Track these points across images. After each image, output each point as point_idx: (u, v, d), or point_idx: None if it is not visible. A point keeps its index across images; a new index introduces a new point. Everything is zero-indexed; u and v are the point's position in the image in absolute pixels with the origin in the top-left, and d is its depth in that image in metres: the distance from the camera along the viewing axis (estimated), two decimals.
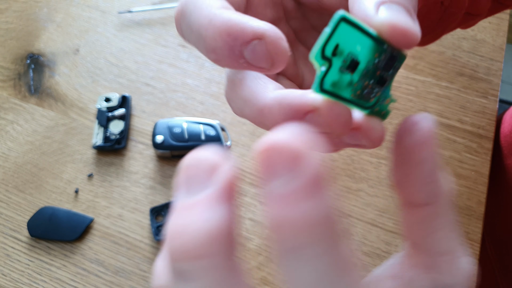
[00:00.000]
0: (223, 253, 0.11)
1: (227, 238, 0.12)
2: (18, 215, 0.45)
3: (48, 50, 0.56)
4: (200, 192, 0.12)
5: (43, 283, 0.42)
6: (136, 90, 0.53)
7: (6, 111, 0.51)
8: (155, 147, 0.47)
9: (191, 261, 0.11)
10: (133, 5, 0.60)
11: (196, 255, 0.11)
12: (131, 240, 0.44)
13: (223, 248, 0.11)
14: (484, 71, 0.54)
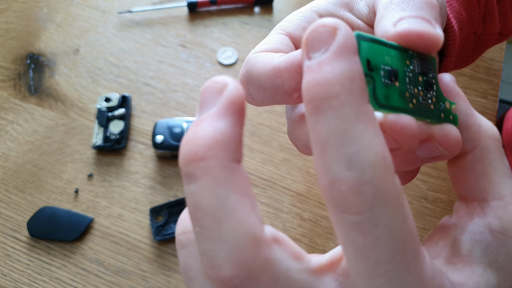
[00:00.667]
0: (222, 156, 0.13)
1: (227, 144, 0.13)
2: (18, 215, 0.45)
3: (48, 50, 0.56)
4: (209, 110, 0.14)
5: (43, 283, 0.42)
6: (136, 90, 0.53)
7: (6, 111, 0.51)
8: (155, 147, 0.47)
9: (196, 162, 0.13)
10: (133, 5, 0.60)
11: (200, 157, 0.13)
12: (131, 240, 0.44)
13: (223, 152, 0.13)
14: (484, 71, 0.54)
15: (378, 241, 0.13)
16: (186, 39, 0.57)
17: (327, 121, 0.13)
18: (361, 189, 0.12)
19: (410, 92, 0.17)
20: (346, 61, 0.13)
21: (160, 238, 0.43)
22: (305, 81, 0.13)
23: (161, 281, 0.42)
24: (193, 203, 0.13)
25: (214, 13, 0.60)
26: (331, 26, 0.13)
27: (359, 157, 0.12)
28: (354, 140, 0.13)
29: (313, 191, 0.47)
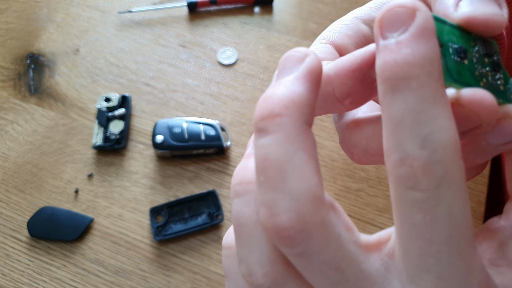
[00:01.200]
0: (297, 116, 0.14)
1: (303, 107, 0.14)
2: (18, 215, 0.45)
3: (48, 50, 0.56)
4: (288, 75, 0.15)
5: (43, 283, 0.42)
6: (136, 90, 0.53)
7: (6, 111, 0.51)
8: (155, 147, 0.47)
9: (271, 118, 0.14)
10: (133, 5, 0.60)
11: (276, 113, 0.14)
12: (131, 240, 0.44)
13: (298, 113, 0.14)
14: None
15: (437, 220, 0.13)
16: (186, 39, 0.57)
17: (405, 100, 0.13)
18: (431, 167, 0.13)
19: (479, 71, 0.16)
20: (427, 43, 0.13)
21: (160, 238, 0.43)
22: (381, 59, 0.14)
23: (161, 281, 0.42)
24: (262, 155, 0.14)
25: (214, 13, 0.60)
26: (410, 7, 0.14)
27: (433, 137, 0.13)
28: (430, 120, 0.13)
29: None
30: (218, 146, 0.47)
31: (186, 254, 0.43)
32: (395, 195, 0.14)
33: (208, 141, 0.47)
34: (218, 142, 0.47)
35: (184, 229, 0.44)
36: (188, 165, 0.48)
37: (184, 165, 0.48)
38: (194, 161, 0.48)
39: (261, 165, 0.14)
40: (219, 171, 0.48)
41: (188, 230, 0.44)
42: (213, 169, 0.48)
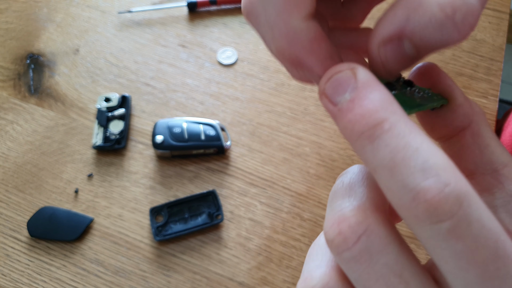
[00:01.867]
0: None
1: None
2: (18, 215, 0.45)
3: (48, 50, 0.56)
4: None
5: (43, 283, 0.42)
6: (136, 90, 0.53)
7: (6, 111, 0.51)
8: (155, 147, 0.47)
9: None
10: (133, 5, 0.60)
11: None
12: (131, 240, 0.44)
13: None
14: (484, 71, 0.54)
15: (478, 240, 0.13)
16: (186, 39, 0.57)
17: (386, 144, 0.14)
18: (445, 192, 0.13)
19: (407, 93, 0.18)
20: (378, 89, 0.14)
21: (160, 238, 0.43)
22: (345, 120, 0.14)
23: (161, 281, 0.42)
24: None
25: (214, 13, 0.60)
26: (347, 68, 0.15)
27: (430, 164, 0.13)
28: (417, 150, 0.13)
29: (313, 191, 0.47)
30: (218, 146, 0.47)
31: (186, 254, 0.43)
32: (425, 236, 0.13)
33: (208, 141, 0.47)
34: (218, 142, 0.47)
35: (184, 229, 0.44)
36: (188, 165, 0.48)
37: (184, 165, 0.48)
38: (194, 161, 0.48)
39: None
40: (219, 171, 0.48)
41: (188, 230, 0.44)
42: (213, 169, 0.48)
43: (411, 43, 0.16)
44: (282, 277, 0.43)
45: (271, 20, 0.17)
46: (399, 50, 0.16)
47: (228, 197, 0.46)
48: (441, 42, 0.15)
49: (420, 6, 0.15)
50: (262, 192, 0.47)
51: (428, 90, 0.19)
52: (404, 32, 0.16)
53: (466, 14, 0.14)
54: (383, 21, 0.16)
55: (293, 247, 0.44)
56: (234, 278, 0.42)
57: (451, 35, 0.15)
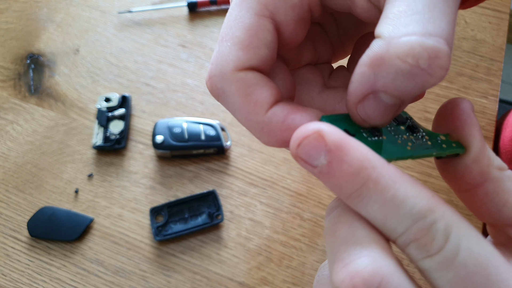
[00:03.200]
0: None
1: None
2: (18, 215, 0.45)
3: (48, 50, 0.56)
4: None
5: (43, 283, 0.42)
6: (136, 90, 0.53)
7: (6, 111, 0.51)
8: (155, 147, 0.47)
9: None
10: (133, 5, 0.60)
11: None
12: (131, 240, 0.44)
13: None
14: (484, 71, 0.54)
15: (466, 267, 0.14)
16: (186, 39, 0.57)
17: (374, 200, 0.14)
18: (431, 230, 0.14)
19: (401, 139, 0.17)
20: (352, 148, 0.14)
21: (160, 238, 0.43)
22: (330, 184, 0.15)
23: (161, 281, 0.42)
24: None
25: (214, 13, 0.60)
26: (312, 132, 0.15)
27: (417, 209, 0.14)
28: (404, 200, 0.14)
29: (313, 191, 0.47)
30: (218, 146, 0.47)
31: (186, 254, 0.43)
32: (421, 269, 0.15)
33: (208, 141, 0.47)
34: (218, 142, 0.47)
35: (184, 229, 0.44)
36: (188, 165, 0.48)
37: (184, 165, 0.48)
38: (194, 161, 0.48)
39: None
40: (219, 171, 0.48)
41: (188, 230, 0.44)
42: (213, 169, 0.48)
43: (386, 94, 0.16)
44: (282, 277, 0.43)
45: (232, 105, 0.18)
46: (379, 104, 0.16)
47: (228, 197, 0.46)
48: (418, 88, 0.15)
49: (382, 63, 0.15)
50: (262, 192, 0.47)
51: (442, 136, 0.18)
52: (376, 88, 0.15)
53: (430, 58, 0.14)
54: (353, 81, 0.16)
55: (293, 247, 0.44)
56: (234, 278, 0.42)
57: (424, 81, 0.15)
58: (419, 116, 0.51)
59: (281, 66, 0.20)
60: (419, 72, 0.14)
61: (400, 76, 0.15)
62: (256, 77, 0.18)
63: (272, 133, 0.17)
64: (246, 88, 0.17)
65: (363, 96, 0.16)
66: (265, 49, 0.18)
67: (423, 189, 0.15)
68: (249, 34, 0.18)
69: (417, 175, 0.48)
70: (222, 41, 0.18)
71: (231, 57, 0.17)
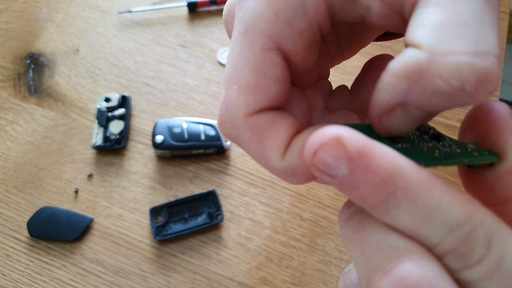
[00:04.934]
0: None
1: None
2: (18, 215, 0.45)
3: (48, 50, 0.56)
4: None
5: (43, 283, 0.42)
6: (136, 90, 0.53)
7: (6, 111, 0.51)
8: (155, 147, 0.47)
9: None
10: (133, 5, 0.60)
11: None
12: (131, 240, 0.44)
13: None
14: None
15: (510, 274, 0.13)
16: (186, 39, 0.57)
17: (404, 210, 0.13)
18: (470, 239, 0.13)
19: (427, 147, 0.16)
20: (377, 156, 0.13)
21: (160, 238, 0.43)
22: (353, 196, 0.13)
23: (161, 281, 0.42)
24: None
25: (214, 13, 0.60)
26: (332, 138, 0.13)
27: (452, 217, 0.13)
28: (437, 208, 0.13)
29: (313, 191, 0.47)
30: (218, 146, 0.47)
31: (186, 254, 0.43)
32: (461, 280, 0.13)
33: (208, 141, 0.47)
34: (218, 142, 0.47)
35: (184, 229, 0.44)
36: (188, 165, 0.48)
37: (184, 165, 0.48)
38: (194, 161, 0.48)
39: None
40: (219, 171, 0.48)
41: (188, 230, 0.44)
42: (213, 169, 0.48)
43: (417, 108, 0.14)
44: (282, 277, 0.43)
45: (249, 152, 0.17)
46: (405, 116, 0.15)
47: (228, 197, 0.46)
48: (455, 106, 0.14)
49: (420, 79, 0.13)
50: (262, 192, 0.47)
51: (471, 145, 0.16)
52: (408, 101, 0.14)
53: (478, 83, 0.12)
54: (380, 90, 0.15)
55: (293, 247, 0.44)
56: (234, 278, 0.42)
57: (464, 102, 0.13)
58: None
59: (295, 92, 0.18)
60: (462, 96, 0.13)
61: (438, 96, 0.13)
62: (270, 118, 0.16)
63: (297, 175, 0.16)
64: (260, 134, 0.16)
65: (391, 108, 0.14)
66: (276, 86, 0.16)
67: (459, 194, 0.13)
68: (256, 74, 0.16)
69: None
70: (228, 83, 0.16)
71: (240, 102, 0.16)
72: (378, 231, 0.14)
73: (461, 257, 0.13)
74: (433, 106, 0.14)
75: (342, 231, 0.16)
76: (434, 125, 0.50)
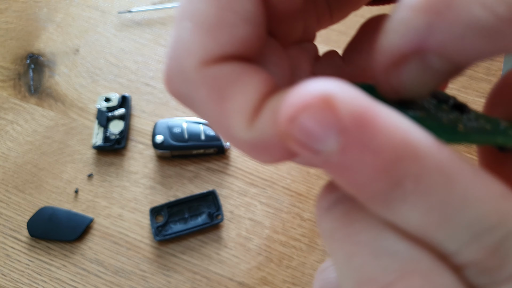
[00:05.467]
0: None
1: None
2: (18, 215, 0.45)
3: (48, 50, 0.56)
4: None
5: (43, 283, 0.42)
6: (136, 90, 0.53)
7: (6, 111, 0.51)
8: (155, 147, 0.47)
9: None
10: (133, 5, 0.60)
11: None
12: (131, 240, 0.44)
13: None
14: (484, 71, 0.54)
15: None
16: None
17: (413, 205, 0.09)
18: (502, 249, 0.10)
19: (447, 118, 0.12)
20: (380, 126, 0.09)
21: (160, 238, 0.43)
22: (342, 181, 0.10)
23: (161, 281, 0.42)
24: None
25: None
26: (319, 98, 0.09)
27: (479, 219, 0.10)
28: (461, 207, 0.09)
29: (313, 191, 0.47)
30: (218, 146, 0.47)
31: (186, 254, 0.43)
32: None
33: (208, 141, 0.47)
34: (218, 142, 0.47)
35: (184, 229, 0.44)
36: (188, 165, 0.48)
37: (184, 165, 0.48)
38: (194, 161, 0.48)
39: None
40: (219, 171, 0.48)
41: (188, 230, 0.44)
42: (213, 169, 0.48)
43: (441, 58, 0.10)
44: (282, 277, 0.43)
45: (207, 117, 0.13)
46: (422, 69, 0.11)
47: (228, 197, 0.46)
48: (496, 53, 0.10)
49: (448, 8, 0.09)
50: (262, 192, 0.47)
51: (505, 122, 0.13)
52: (426, 46, 0.10)
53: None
54: (389, 31, 0.11)
55: (293, 247, 0.44)
56: (234, 278, 0.42)
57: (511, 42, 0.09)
58: None
59: (273, 46, 0.14)
60: (507, 28, 0.09)
61: (474, 33, 0.09)
62: (235, 70, 0.12)
63: (270, 149, 0.12)
64: (221, 92, 0.12)
65: (403, 57, 0.10)
66: (245, 26, 0.12)
67: (492, 185, 0.10)
68: (219, 6, 0.12)
69: None
70: (180, 20, 0.12)
71: (194, 45, 0.12)
72: (373, 229, 0.10)
73: (488, 271, 0.10)
74: (464, 52, 0.10)
75: (320, 224, 0.12)
76: None
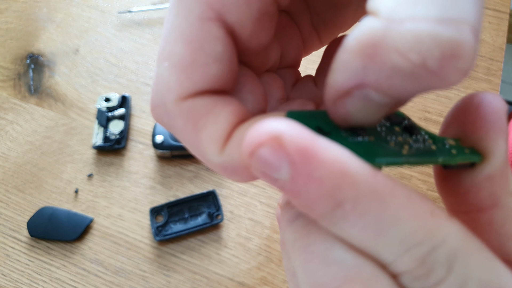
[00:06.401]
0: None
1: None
2: (18, 215, 0.45)
3: (48, 50, 0.56)
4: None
5: (43, 283, 0.42)
6: (136, 90, 0.53)
7: (6, 111, 0.51)
8: (155, 147, 0.47)
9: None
10: (133, 5, 0.60)
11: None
12: (131, 240, 0.44)
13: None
14: (484, 71, 0.54)
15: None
16: None
17: (353, 223, 0.11)
18: (429, 259, 0.11)
19: (395, 141, 0.13)
20: (322, 160, 0.11)
21: (160, 238, 0.43)
22: (296, 203, 0.11)
23: (161, 281, 0.42)
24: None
25: None
26: (269, 138, 0.11)
27: (409, 235, 0.11)
28: (392, 223, 0.11)
29: None
30: None
31: (186, 254, 0.43)
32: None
33: None
34: None
35: (184, 229, 0.44)
36: (188, 165, 0.48)
37: (184, 165, 0.48)
38: (194, 161, 0.48)
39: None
40: None
41: (188, 230, 0.44)
42: None
43: (378, 92, 0.11)
44: (282, 277, 0.43)
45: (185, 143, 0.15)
46: (364, 102, 0.12)
47: (228, 197, 0.46)
48: (421, 91, 0.11)
49: (375, 54, 0.11)
50: (262, 192, 0.47)
51: (450, 140, 0.14)
52: (364, 83, 0.11)
53: (444, 58, 0.10)
54: (334, 70, 0.12)
55: None
56: (234, 278, 0.42)
57: (431, 85, 0.11)
58: (419, 116, 0.51)
59: (247, 75, 0.16)
60: (424, 74, 0.10)
61: (398, 75, 0.11)
62: (208, 103, 0.14)
63: (238, 172, 0.14)
64: (195, 122, 0.14)
65: (345, 91, 0.12)
66: (216, 65, 0.14)
67: (421, 205, 0.11)
68: (192, 49, 0.13)
69: (416, 174, 0.48)
70: (160, 59, 0.14)
71: (172, 83, 0.13)
72: (325, 241, 0.12)
73: (419, 278, 0.11)
74: (395, 89, 0.11)
75: (283, 235, 0.14)
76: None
